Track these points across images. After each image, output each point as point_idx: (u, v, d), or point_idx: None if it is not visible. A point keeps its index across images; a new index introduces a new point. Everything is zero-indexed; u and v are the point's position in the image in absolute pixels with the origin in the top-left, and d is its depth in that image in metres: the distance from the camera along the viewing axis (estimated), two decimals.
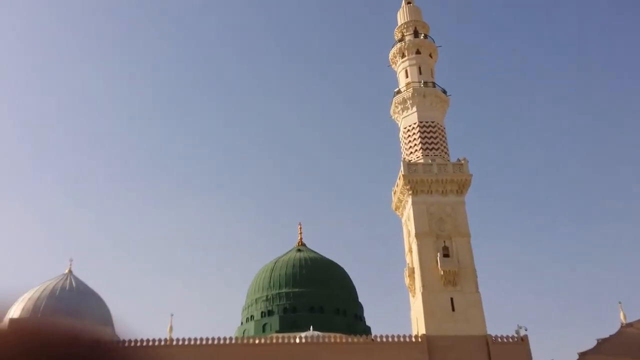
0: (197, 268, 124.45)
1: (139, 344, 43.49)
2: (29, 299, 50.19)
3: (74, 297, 50.55)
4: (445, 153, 54.09)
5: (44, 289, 51.07)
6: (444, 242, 48.47)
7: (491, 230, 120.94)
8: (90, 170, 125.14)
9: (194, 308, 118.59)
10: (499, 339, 43.86)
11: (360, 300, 62.23)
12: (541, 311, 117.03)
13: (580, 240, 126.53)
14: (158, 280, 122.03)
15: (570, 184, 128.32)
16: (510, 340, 43.84)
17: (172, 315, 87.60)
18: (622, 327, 35.94)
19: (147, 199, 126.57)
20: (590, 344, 38.04)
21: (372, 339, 45.25)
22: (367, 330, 56.78)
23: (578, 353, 39.42)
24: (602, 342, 36.77)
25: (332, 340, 45.52)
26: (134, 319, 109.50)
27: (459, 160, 52.45)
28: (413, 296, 49.42)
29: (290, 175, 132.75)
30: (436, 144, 53.90)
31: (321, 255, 63.85)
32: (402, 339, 44.24)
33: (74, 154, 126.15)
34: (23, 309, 49.34)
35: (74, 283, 52.42)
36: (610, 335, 36.07)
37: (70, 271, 54.25)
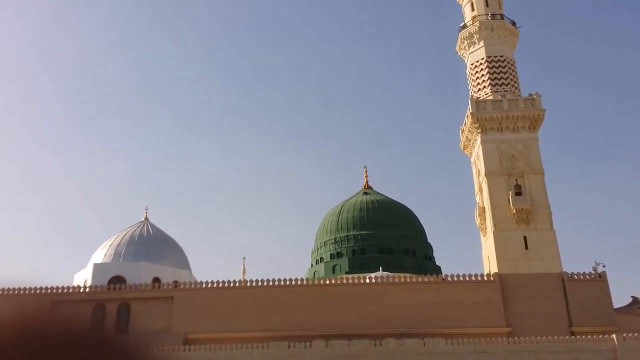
0: (267, 213, 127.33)
1: (214, 285, 45.28)
2: (110, 245, 52.84)
3: (152, 242, 52.78)
4: (516, 88, 51.88)
5: (124, 236, 53.56)
6: (516, 180, 47.06)
7: (566, 166, 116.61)
8: (163, 120, 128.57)
9: (266, 251, 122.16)
10: (576, 276, 42.68)
11: (429, 240, 61.99)
12: (620, 247, 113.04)
13: None
14: (231, 226, 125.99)
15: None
16: (588, 277, 42.58)
17: (244, 258, 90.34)
18: None
19: (220, 145, 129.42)
20: None
21: (443, 278, 45.08)
22: (437, 270, 56.59)
23: None
24: None
25: (402, 280, 45.69)
26: (209, 262, 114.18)
27: (530, 95, 50.25)
28: (484, 235, 48.65)
29: (355, 118, 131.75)
30: (506, 79, 51.70)
31: (388, 198, 63.61)
32: (473, 278, 43.84)
33: (148, 102, 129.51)
34: (105, 254, 52.10)
35: (150, 230, 54.65)
36: None
37: (146, 218, 56.53)
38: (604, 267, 42.41)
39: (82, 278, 50.20)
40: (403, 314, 42.45)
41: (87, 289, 45.75)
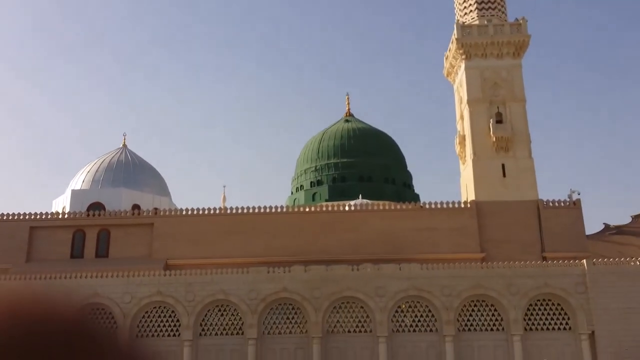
0: (248, 140, 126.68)
1: (194, 212, 45.42)
2: (88, 172, 52.28)
3: (131, 169, 52.26)
4: (503, 13, 50.65)
5: (102, 162, 52.93)
6: (498, 107, 46.82)
7: (548, 93, 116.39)
8: (143, 48, 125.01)
9: (247, 179, 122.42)
10: (551, 204, 43.35)
11: (409, 169, 62.25)
12: (596, 175, 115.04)
13: (634, 102, 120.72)
14: (211, 154, 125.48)
15: (633, 45, 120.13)
16: (562, 204, 43.28)
17: (224, 186, 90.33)
18: None
19: (200, 73, 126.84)
20: None
21: (421, 206, 45.57)
22: (415, 198, 57.19)
23: (631, 216, 38.74)
24: None
25: (381, 207, 46.13)
26: (190, 190, 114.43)
27: (517, 20, 49.16)
28: (463, 164, 48.87)
29: (337, 44, 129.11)
30: (493, 2, 50.33)
31: (369, 125, 63.22)
32: (451, 205, 44.38)
33: (132, 30, 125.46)
34: (83, 181, 51.66)
35: (129, 156, 54.01)
36: None
37: (125, 145, 55.76)
38: (578, 194, 43.09)
39: (60, 205, 49.97)
40: (381, 240, 43.16)
41: (66, 215, 45.63)
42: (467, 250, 42.27)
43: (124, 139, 56.35)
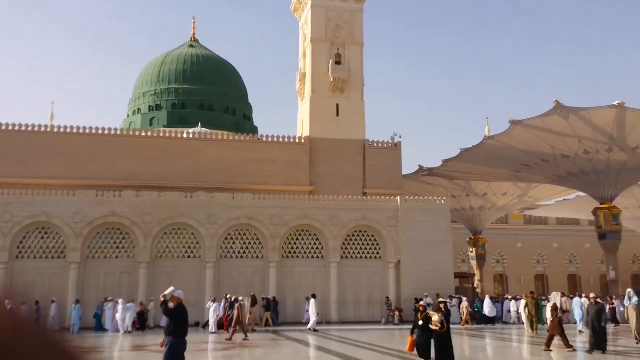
0: (82, 54, 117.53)
1: (17, 128, 42.24)
2: None
3: None
4: None
5: None
6: (338, 49, 48.70)
7: (385, 41, 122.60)
8: None
9: (79, 98, 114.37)
10: (375, 144, 47.02)
11: (250, 101, 62.75)
12: (416, 122, 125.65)
13: (462, 59, 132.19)
14: (38, 69, 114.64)
15: (470, 3, 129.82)
16: (385, 145, 47.14)
17: (53, 103, 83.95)
18: (485, 139, 39.46)
19: None
20: (455, 153, 41.89)
21: (259, 138, 46.73)
22: (254, 130, 58.28)
23: (442, 160, 43.48)
24: (465, 152, 40.48)
25: (220, 137, 46.51)
26: (14, 106, 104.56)
27: None
28: (302, 100, 50.59)
29: None
30: None
31: (214, 53, 62.12)
32: (287, 140, 46.12)
33: None
34: None
35: None
36: (473, 146, 39.65)
37: None
38: (400, 137, 47.12)
39: None
40: (217, 169, 43.85)
41: None
42: (298, 183, 44.60)
43: None
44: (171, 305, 11.24)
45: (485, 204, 53.88)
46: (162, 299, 11.52)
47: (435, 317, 15.00)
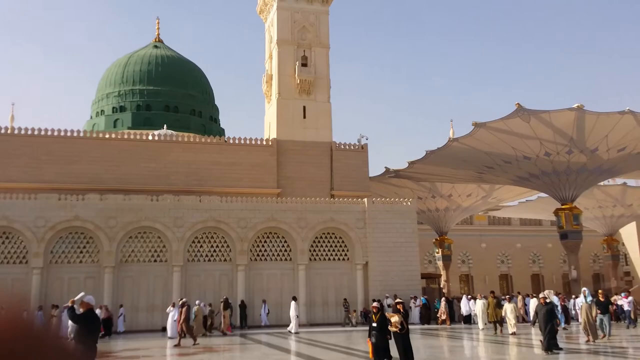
0: (46, 54, 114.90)
1: None
2: None
3: None
4: None
5: None
6: (304, 51, 48.80)
7: (350, 44, 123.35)
8: None
9: (41, 99, 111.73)
10: (342, 146, 47.27)
11: (216, 103, 62.31)
12: (382, 124, 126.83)
13: (427, 61, 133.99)
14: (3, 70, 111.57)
15: (434, 6, 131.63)
16: (352, 147, 47.43)
17: (13, 104, 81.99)
18: (449, 141, 40.03)
19: None
20: (420, 155, 42.34)
21: (226, 141, 46.45)
22: (221, 132, 57.90)
23: (408, 162, 43.89)
24: (430, 153, 40.97)
25: (186, 139, 46.08)
26: None
27: None
28: (268, 102, 50.50)
29: None
30: None
31: (179, 54, 61.46)
32: (254, 142, 45.98)
33: None
34: None
35: None
36: (438, 148, 40.18)
37: None
38: (366, 139, 47.47)
39: None
40: (184, 172, 43.44)
41: None
42: (265, 185, 44.51)
43: None
44: (80, 310, 10.70)
45: (451, 205, 54.67)
46: (70, 304, 10.75)
47: (395, 318, 14.88)
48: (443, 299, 37.58)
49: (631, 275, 64.98)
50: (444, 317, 35.71)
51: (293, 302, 30.80)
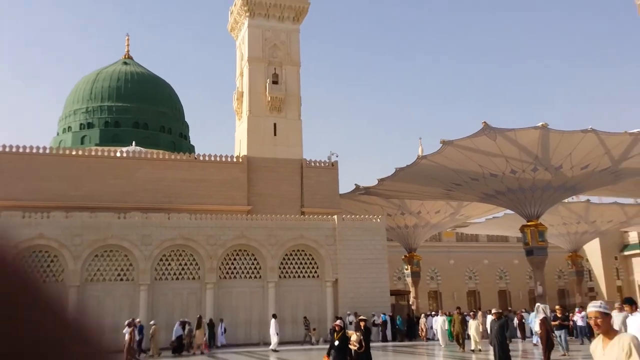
0: (7, 70, 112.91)
1: None
2: None
3: None
4: None
5: None
6: (275, 69, 49.06)
7: (321, 62, 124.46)
8: None
9: (3, 114, 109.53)
10: (313, 163, 47.46)
11: (186, 119, 62.04)
12: (352, 142, 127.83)
13: (395, 79, 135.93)
14: None
15: (405, 22, 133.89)
16: (322, 164, 47.67)
17: None
18: (418, 159, 40.56)
19: None
20: (390, 172, 42.78)
21: (196, 157, 46.19)
22: (191, 149, 57.57)
23: (377, 179, 44.31)
24: (399, 171, 41.42)
25: (155, 156, 45.68)
26: None
27: None
28: (239, 119, 50.50)
29: None
30: None
31: (149, 71, 61.12)
32: (224, 159, 45.83)
33: None
34: None
35: None
36: (407, 165, 40.65)
37: None
38: (337, 157, 47.83)
39: None
40: (153, 189, 42.97)
41: None
42: (235, 202, 44.29)
43: None
44: None
45: (420, 221, 55.16)
46: None
47: (354, 337, 14.84)
48: (423, 314, 37.95)
49: (595, 290, 66.32)
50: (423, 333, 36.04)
51: (273, 320, 30.70)
